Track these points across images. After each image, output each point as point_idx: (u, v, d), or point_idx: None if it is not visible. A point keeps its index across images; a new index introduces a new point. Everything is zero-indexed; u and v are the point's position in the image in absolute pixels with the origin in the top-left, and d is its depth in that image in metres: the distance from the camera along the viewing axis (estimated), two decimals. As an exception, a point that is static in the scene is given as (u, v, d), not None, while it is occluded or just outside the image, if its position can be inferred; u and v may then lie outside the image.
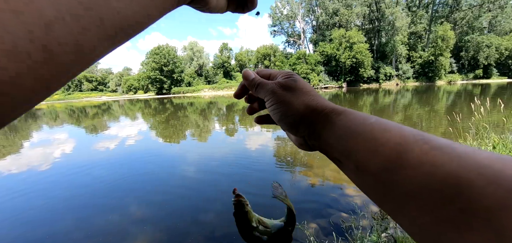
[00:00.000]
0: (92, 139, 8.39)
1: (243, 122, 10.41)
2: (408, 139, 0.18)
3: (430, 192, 0.15)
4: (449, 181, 0.14)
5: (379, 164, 0.19)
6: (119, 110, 20.90)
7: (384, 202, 0.19)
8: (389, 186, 0.18)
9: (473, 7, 43.90)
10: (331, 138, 0.24)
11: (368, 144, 0.20)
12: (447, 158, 0.15)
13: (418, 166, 0.16)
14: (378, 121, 0.22)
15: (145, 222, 2.82)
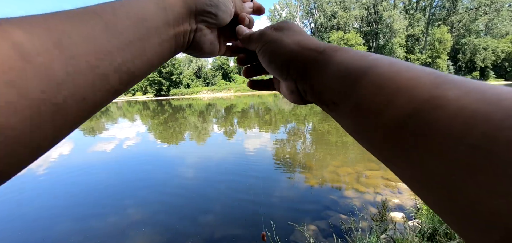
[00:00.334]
0: (90, 141, 8.35)
1: (242, 123, 10.41)
2: (418, 74, 0.16)
3: (440, 128, 0.13)
4: (463, 114, 0.12)
5: (384, 99, 0.16)
6: (117, 111, 20.83)
7: (383, 147, 0.17)
8: (394, 123, 0.15)
9: (470, 10, 44.32)
10: (326, 76, 0.22)
11: (371, 78, 0.18)
12: (463, 91, 0.13)
13: (429, 99, 0.14)
14: (382, 56, 0.19)
15: (144, 224, 2.80)
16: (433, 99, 0.14)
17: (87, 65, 0.15)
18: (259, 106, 18.26)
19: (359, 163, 4.37)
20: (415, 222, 2.35)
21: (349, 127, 0.21)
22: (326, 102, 0.22)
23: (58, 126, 0.15)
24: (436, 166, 0.13)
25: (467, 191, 0.11)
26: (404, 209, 2.75)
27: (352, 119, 0.19)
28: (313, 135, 7.44)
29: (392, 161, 0.16)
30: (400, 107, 0.15)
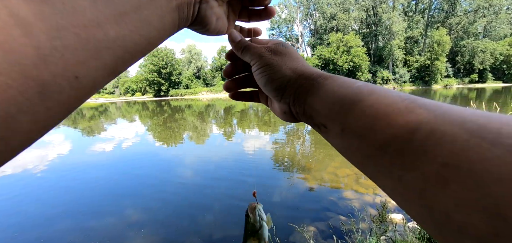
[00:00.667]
0: (88, 141, 8.31)
1: (241, 125, 10.40)
2: (395, 100, 0.18)
3: (415, 149, 0.14)
4: (433, 135, 0.14)
5: (366, 125, 0.18)
6: (117, 112, 20.78)
7: (368, 165, 0.18)
8: (374, 146, 0.17)
9: (468, 12, 44.55)
10: (317, 103, 0.24)
11: (355, 106, 0.20)
12: (432, 115, 0.15)
13: (404, 125, 0.16)
14: (365, 84, 0.21)
15: (142, 226, 2.78)
16: (407, 124, 0.15)
17: (76, 38, 0.14)
18: (258, 107, 18.27)
19: (359, 165, 4.37)
20: (414, 223, 2.34)
21: (338, 147, 0.22)
22: (317, 124, 0.24)
23: (50, 107, 0.14)
24: (414, 182, 0.14)
25: (440, 203, 0.13)
26: (403, 211, 2.75)
27: (340, 140, 0.21)
28: (312, 136, 7.44)
29: (375, 177, 0.18)
30: (380, 131, 0.17)
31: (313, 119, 0.25)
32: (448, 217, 0.12)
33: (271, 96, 0.30)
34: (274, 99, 0.30)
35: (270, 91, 0.29)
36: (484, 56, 43.54)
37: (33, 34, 0.12)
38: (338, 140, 0.22)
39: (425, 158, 0.14)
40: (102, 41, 0.15)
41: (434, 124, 0.14)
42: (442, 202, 0.13)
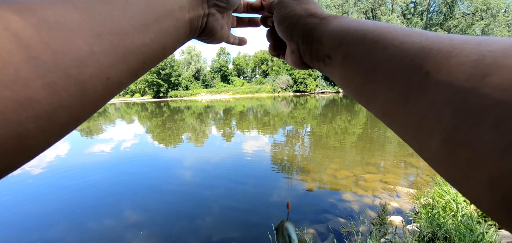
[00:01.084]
0: (87, 142, 8.28)
1: (240, 126, 10.39)
2: (388, 28, 0.20)
3: (404, 65, 0.16)
4: (422, 51, 0.15)
5: (366, 48, 0.20)
6: (115, 113, 20.73)
7: (366, 84, 0.19)
8: (371, 65, 0.19)
9: (467, 15, 44.83)
10: (323, 36, 0.25)
11: (357, 33, 0.21)
12: (424, 38, 0.16)
13: (399, 45, 0.17)
14: (365, 20, 0.23)
15: (141, 227, 2.77)
16: (402, 45, 0.17)
17: (110, 44, 0.16)
18: (258, 109, 18.26)
19: (358, 166, 4.37)
20: (414, 226, 2.34)
21: (339, 76, 0.24)
22: (322, 57, 0.26)
23: (85, 103, 0.15)
24: (401, 91, 0.16)
25: (420, 106, 0.15)
26: (403, 213, 2.75)
27: (341, 69, 0.23)
28: (311, 138, 7.45)
29: (370, 100, 0.20)
30: (378, 53, 0.19)
31: (318, 52, 0.26)
32: (423, 117, 0.14)
33: (282, 36, 0.32)
34: (285, 39, 0.31)
35: (282, 31, 0.31)
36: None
37: (75, 40, 0.14)
38: (340, 69, 0.23)
39: (412, 70, 0.15)
40: (129, 47, 0.18)
41: (425, 43, 0.16)
42: (421, 103, 0.14)
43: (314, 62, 0.28)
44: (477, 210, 2.32)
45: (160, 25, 0.21)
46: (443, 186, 2.64)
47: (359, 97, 0.21)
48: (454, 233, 1.92)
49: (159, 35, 0.21)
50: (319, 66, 0.27)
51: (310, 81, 42.06)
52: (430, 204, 2.57)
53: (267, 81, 46.73)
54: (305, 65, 0.31)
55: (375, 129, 8.09)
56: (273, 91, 43.74)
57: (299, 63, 0.31)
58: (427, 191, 3.00)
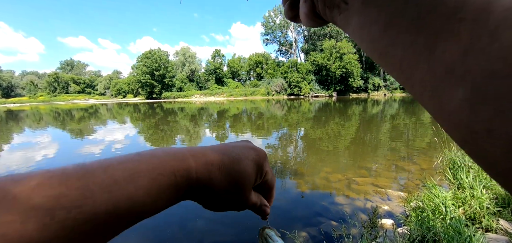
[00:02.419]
0: (77, 143, 8.11)
1: (234, 128, 10.37)
2: None
3: (436, 10, 0.14)
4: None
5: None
6: (107, 113, 20.39)
7: (384, 38, 0.18)
8: (398, 13, 0.17)
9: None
10: None
11: None
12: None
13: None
14: None
15: (132, 230, 2.71)
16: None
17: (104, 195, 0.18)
18: (252, 111, 18.28)
19: (350, 170, 4.42)
20: (404, 229, 2.37)
21: (356, 26, 0.21)
22: (337, 3, 0.23)
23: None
24: (427, 40, 0.15)
25: (450, 53, 0.13)
26: (394, 216, 2.78)
27: (358, 16, 0.21)
28: (304, 141, 7.49)
29: (388, 54, 0.18)
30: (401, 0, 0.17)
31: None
32: (451, 68, 0.13)
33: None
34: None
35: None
36: None
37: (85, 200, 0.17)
38: (357, 16, 0.21)
39: (445, 16, 0.14)
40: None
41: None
42: (451, 53, 0.13)
43: (327, 10, 0.25)
44: (465, 214, 2.37)
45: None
46: (433, 190, 2.68)
47: (374, 50, 0.20)
48: (443, 236, 1.95)
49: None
50: (332, 15, 0.25)
51: (304, 85, 42.41)
52: (420, 207, 2.61)
53: (261, 84, 46.88)
54: (318, 19, 0.28)
55: (368, 133, 8.20)
56: (268, 94, 43.91)
57: (311, 16, 0.28)
58: (417, 194, 3.05)
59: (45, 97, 60.68)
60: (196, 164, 0.25)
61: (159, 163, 0.23)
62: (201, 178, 0.25)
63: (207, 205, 0.28)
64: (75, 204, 0.17)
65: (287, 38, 55.74)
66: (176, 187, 0.23)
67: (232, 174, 0.28)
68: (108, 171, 0.20)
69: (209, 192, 0.26)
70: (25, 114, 21.50)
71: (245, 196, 0.30)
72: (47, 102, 51.51)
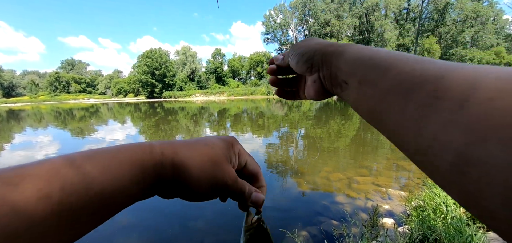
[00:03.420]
0: (78, 143, 8.12)
1: (234, 128, 10.36)
2: (400, 55, 0.22)
3: (416, 88, 0.18)
4: (429, 72, 0.18)
5: (379, 73, 0.22)
6: (108, 113, 20.41)
7: (379, 106, 0.21)
8: (384, 89, 0.21)
9: (457, 22, 45.97)
10: (341, 62, 0.28)
11: (371, 60, 0.24)
12: (427, 61, 0.19)
13: (411, 70, 0.19)
14: (378, 48, 0.26)
15: (133, 230, 2.72)
16: (413, 71, 0.19)
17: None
18: (252, 111, 18.26)
19: (351, 169, 4.41)
20: (405, 228, 2.36)
21: (355, 99, 0.26)
22: (340, 83, 0.28)
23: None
24: (413, 111, 0.17)
25: (431, 125, 0.16)
26: (395, 215, 2.78)
27: (356, 92, 0.25)
28: (305, 140, 7.48)
29: (383, 119, 0.21)
30: (391, 77, 0.21)
31: (337, 78, 0.28)
32: (435, 138, 0.15)
33: (303, 69, 0.34)
34: (305, 70, 0.34)
35: (303, 64, 0.34)
36: (471, 64, 44.90)
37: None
38: (355, 93, 0.25)
39: (424, 93, 0.17)
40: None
41: (436, 70, 0.17)
42: (433, 125, 0.16)
43: (333, 88, 0.30)
44: (466, 213, 2.36)
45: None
46: (434, 189, 2.67)
47: (372, 119, 0.23)
48: (444, 235, 1.95)
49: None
50: (337, 91, 0.30)
51: (305, 84, 42.27)
52: (421, 206, 2.61)
53: (262, 83, 46.85)
54: (327, 93, 0.33)
55: (368, 133, 8.18)
56: (268, 93, 43.85)
57: (321, 92, 0.33)
58: (418, 193, 3.04)
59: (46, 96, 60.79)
60: (159, 144, 0.26)
61: (119, 147, 0.23)
62: (167, 154, 0.25)
63: (187, 192, 0.27)
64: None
65: (287, 37, 55.61)
66: (141, 165, 0.23)
67: (200, 148, 0.28)
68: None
69: (181, 170, 0.25)
70: (26, 114, 21.55)
71: (223, 168, 0.28)
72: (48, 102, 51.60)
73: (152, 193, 0.25)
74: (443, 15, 46.93)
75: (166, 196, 0.27)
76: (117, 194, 0.21)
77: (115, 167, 0.21)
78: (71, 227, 0.19)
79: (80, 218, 0.19)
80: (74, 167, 0.19)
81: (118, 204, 0.22)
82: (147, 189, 0.24)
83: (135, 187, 0.23)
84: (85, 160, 0.21)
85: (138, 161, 0.23)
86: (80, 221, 0.19)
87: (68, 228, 0.19)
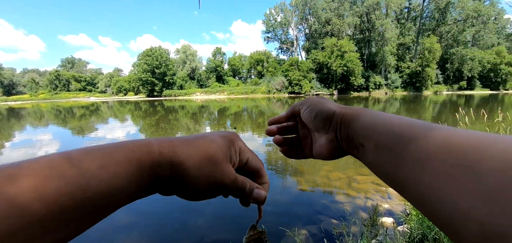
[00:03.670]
0: (77, 141, 8.13)
1: (234, 126, 10.36)
2: (410, 122, 0.23)
3: (432, 155, 0.19)
4: (446, 146, 0.18)
5: (393, 139, 0.23)
6: (108, 111, 20.42)
7: (395, 171, 0.22)
8: (399, 155, 0.22)
9: (458, 21, 45.86)
10: (358, 126, 0.29)
11: (385, 126, 0.25)
12: (447, 132, 0.20)
13: (423, 137, 0.20)
14: (391, 114, 0.28)
15: (133, 228, 2.72)
16: (426, 138, 0.20)
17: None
18: (252, 109, 18.26)
19: (351, 168, 4.41)
20: (404, 227, 2.37)
21: (371, 161, 0.27)
22: (357, 145, 0.30)
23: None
24: (431, 182, 0.18)
25: (451, 195, 0.16)
26: (394, 214, 2.78)
27: (373, 155, 0.26)
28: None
29: (399, 183, 0.22)
30: (404, 144, 0.22)
31: (354, 140, 0.30)
32: (456, 206, 0.16)
33: (319, 126, 0.36)
34: (322, 130, 0.36)
35: (320, 122, 0.35)
36: (472, 64, 44.87)
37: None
38: (372, 156, 0.27)
39: (438, 161, 0.18)
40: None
41: (449, 138, 0.18)
42: (452, 193, 0.16)
43: (350, 149, 0.32)
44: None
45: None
46: (433, 188, 2.68)
47: (391, 183, 0.24)
48: (443, 234, 1.95)
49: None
50: (354, 152, 0.31)
51: (305, 83, 42.29)
52: (421, 206, 2.60)
53: (262, 82, 46.79)
54: (341, 153, 0.34)
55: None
56: (268, 92, 43.83)
57: (337, 151, 0.35)
58: (418, 193, 3.04)
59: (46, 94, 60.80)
60: (158, 142, 0.26)
61: (116, 144, 0.24)
62: (165, 153, 0.25)
63: (185, 191, 0.26)
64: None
65: (288, 36, 55.56)
66: (138, 164, 0.23)
67: (200, 146, 0.27)
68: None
69: (179, 170, 0.25)
70: (27, 112, 21.56)
71: (222, 168, 0.28)
72: (48, 100, 51.61)
73: (151, 191, 0.25)
74: (444, 14, 46.80)
75: (165, 193, 0.27)
76: (114, 193, 0.21)
77: (113, 166, 0.21)
78: (66, 225, 0.19)
79: (76, 217, 0.19)
80: (71, 164, 0.19)
81: (116, 203, 0.22)
82: (145, 188, 0.24)
83: (132, 186, 0.23)
84: (82, 158, 0.20)
85: (135, 160, 0.23)
86: (76, 220, 0.19)
87: (63, 226, 0.18)
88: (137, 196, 0.24)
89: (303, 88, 42.18)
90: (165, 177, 0.25)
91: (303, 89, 42.17)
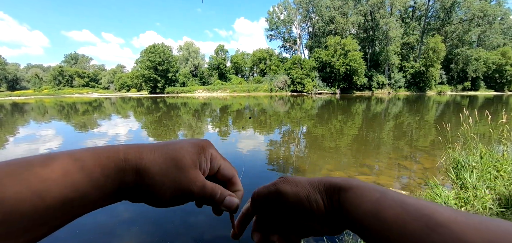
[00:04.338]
0: (80, 137, 8.19)
1: (236, 124, 10.37)
2: (402, 206, 0.23)
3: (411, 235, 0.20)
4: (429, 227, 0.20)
5: (381, 226, 0.23)
6: (111, 107, 20.53)
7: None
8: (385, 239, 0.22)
9: (464, 21, 45.30)
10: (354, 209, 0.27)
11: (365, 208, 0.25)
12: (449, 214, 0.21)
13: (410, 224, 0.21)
14: (383, 195, 0.26)
15: (133, 223, 2.75)
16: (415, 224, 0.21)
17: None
18: (255, 107, 18.26)
19: (352, 167, 4.40)
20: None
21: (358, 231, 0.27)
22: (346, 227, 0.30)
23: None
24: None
25: None
26: (395, 215, 2.77)
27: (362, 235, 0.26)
28: (307, 138, 7.47)
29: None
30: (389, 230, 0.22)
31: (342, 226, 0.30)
32: None
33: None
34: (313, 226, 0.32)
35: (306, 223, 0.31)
36: (477, 64, 44.36)
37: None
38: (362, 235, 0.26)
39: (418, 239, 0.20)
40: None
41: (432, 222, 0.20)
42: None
43: (336, 231, 0.31)
44: (467, 214, 2.35)
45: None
46: (435, 189, 2.66)
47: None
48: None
49: None
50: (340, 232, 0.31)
51: (308, 82, 42.15)
52: (422, 206, 2.59)
53: (264, 80, 46.71)
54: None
55: (370, 131, 8.15)
56: (271, 90, 43.75)
57: (334, 226, 0.31)
58: (419, 193, 3.03)
59: (49, 90, 61.27)
60: (124, 148, 0.25)
61: (82, 150, 0.23)
62: (130, 159, 0.24)
63: (151, 197, 0.26)
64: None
65: (291, 34, 55.31)
66: (102, 170, 0.23)
67: (167, 151, 0.27)
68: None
69: (144, 176, 0.24)
70: (30, 107, 21.75)
71: (189, 175, 0.27)
72: (51, 95, 52.01)
73: (117, 198, 0.25)
74: (450, 13, 46.23)
75: (133, 200, 0.26)
76: (76, 199, 0.21)
77: (76, 172, 0.21)
78: (25, 231, 0.18)
79: (39, 222, 0.19)
80: (32, 172, 0.19)
81: (78, 209, 0.21)
82: (110, 195, 0.24)
83: (97, 192, 0.22)
84: (43, 165, 0.20)
85: (99, 167, 0.22)
86: (39, 225, 0.19)
87: (21, 234, 0.18)
88: (101, 203, 0.23)
89: (305, 86, 42.05)
90: (129, 183, 0.24)
91: (305, 87, 42.04)
